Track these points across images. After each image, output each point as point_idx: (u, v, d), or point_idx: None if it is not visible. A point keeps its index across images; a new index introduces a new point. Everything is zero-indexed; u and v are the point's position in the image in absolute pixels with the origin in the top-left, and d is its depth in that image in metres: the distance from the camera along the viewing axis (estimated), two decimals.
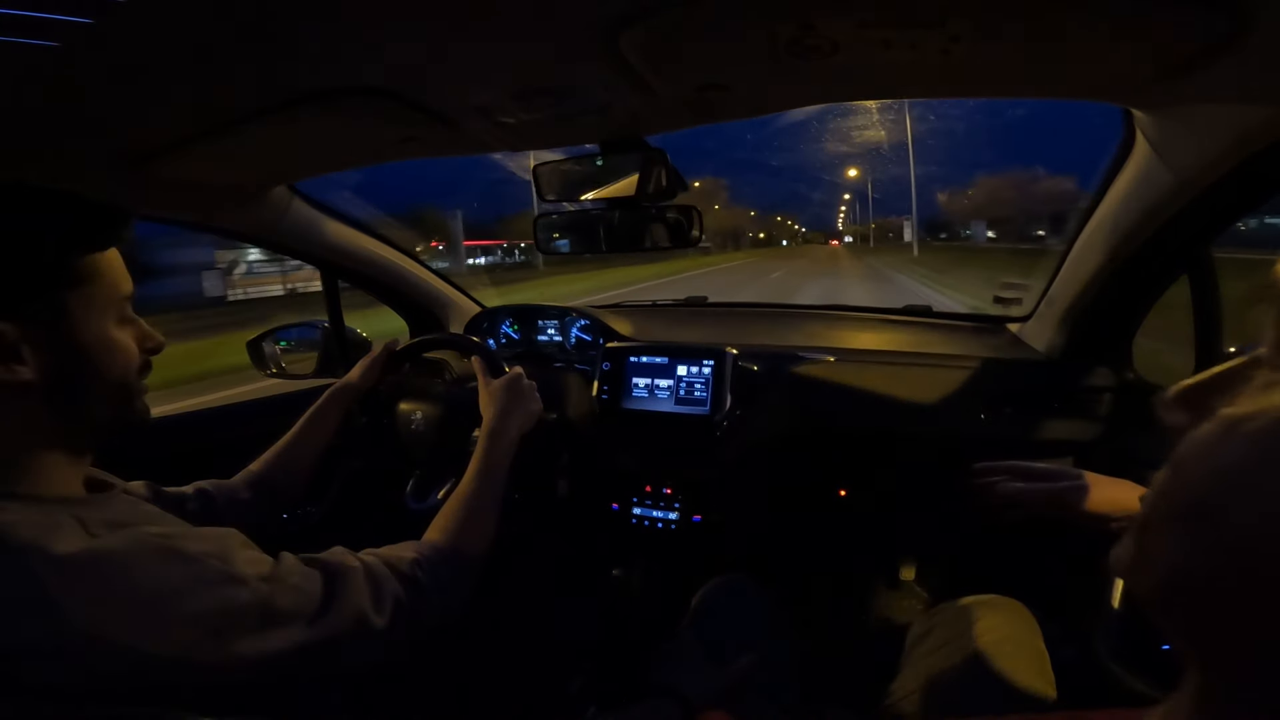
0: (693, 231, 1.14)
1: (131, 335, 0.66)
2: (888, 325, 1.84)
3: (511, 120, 0.88)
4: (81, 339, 0.61)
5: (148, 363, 0.69)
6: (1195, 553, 0.27)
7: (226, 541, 0.61)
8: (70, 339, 0.60)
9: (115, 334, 0.64)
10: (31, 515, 0.54)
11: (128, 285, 0.65)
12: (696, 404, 1.51)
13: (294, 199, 1.35)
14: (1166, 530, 0.29)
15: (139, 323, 0.68)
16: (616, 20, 0.61)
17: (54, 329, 0.59)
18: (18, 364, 0.57)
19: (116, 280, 0.64)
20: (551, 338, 1.87)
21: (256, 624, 0.58)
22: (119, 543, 0.55)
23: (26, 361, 0.57)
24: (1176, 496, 0.29)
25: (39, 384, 0.58)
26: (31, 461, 0.59)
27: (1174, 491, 0.29)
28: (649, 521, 1.61)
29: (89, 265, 0.61)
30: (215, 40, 0.61)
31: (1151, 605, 0.30)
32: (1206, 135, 0.80)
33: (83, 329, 0.61)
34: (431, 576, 0.75)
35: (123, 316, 0.65)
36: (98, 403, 0.63)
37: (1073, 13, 0.58)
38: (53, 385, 0.59)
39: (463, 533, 0.84)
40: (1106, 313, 1.26)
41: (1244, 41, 0.59)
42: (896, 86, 0.83)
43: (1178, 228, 0.99)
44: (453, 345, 1.47)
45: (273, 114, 0.79)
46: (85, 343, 0.61)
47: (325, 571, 0.66)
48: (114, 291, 0.64)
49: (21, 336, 0.57)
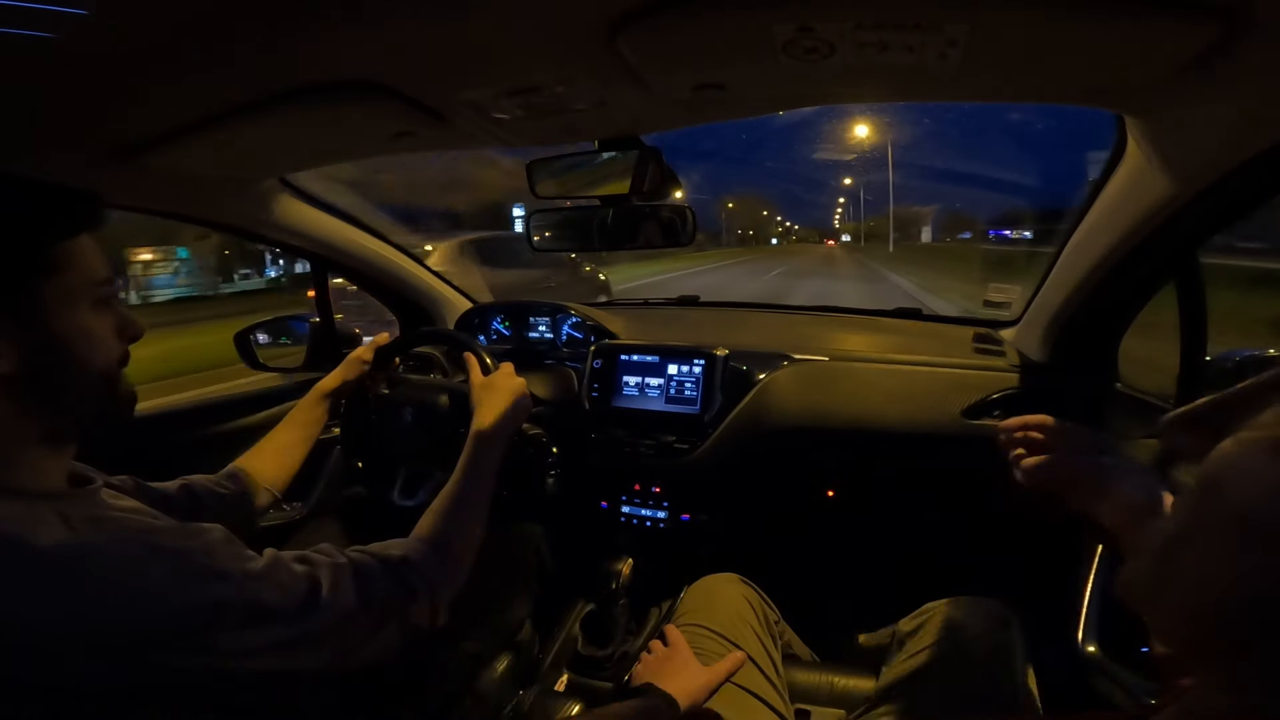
0: (686, 230, 1.15)
1: (110, 323, 0.64)
2: (878, 326, 1.85)
3: (506, 116, 0.88)
4: (58, 329, 0.59)
5: (126, 352, 0.67)
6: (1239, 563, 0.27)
7: (212, 537, 0.60)
8: (46, 329, 0.58)
9: (92, 322, 0.62)
10: (12, 509, 0.53)
11: (104, 271, 0.63)
12: (686, 403, 1.51)
13: (285, 191, 1.34)
14: (1203, 546, 0.29)
15: (118, 309, 0.66)
16: (614, 18, 0.61)
17: (28, 320, 0.57)
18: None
19: (92, 267, 0.62)
20: (542, 335, 1.86)
21: (241, 620, 0.57)
22: (102, 538, 0.54)
23: (1, 354, 0.56)
24: (1217, 512, 0.29)
25: (16, 376, 0.57)
26: (11, 455, 0.58)
27: (1214, 507, 0.29)
28: (638, 520, 1.61)
29: (61, 253, 0.59)
30: (208, 32, 0.60)
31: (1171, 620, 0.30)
32: (1198, 141, 0.80)
33: (58, 319, 0.59)
34: (419, 575, 0.75)
35: (99, 304, 0.63)
36: (78, 393, 0.62)
37: (1069, 19, 0.59)
38: (30, 377, 0.58)
39: (451, 530, 0.84)
40: (1094, 318, 1.27)
41: (1237, 48, 0.59)
42: (893, 89, 0.83)
43: (1167, 234, 1.00)
44: (443, 341, 1.46)
45: (265, 107, 0.79)
46: (62, 333, 0.59)
47: (312, 568, 0.65)
48: (89, 279, 0.62)
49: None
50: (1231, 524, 0.28)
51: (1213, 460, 0.30)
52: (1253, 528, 0.27)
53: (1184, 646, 0.30)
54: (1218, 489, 0.29)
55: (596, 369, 1.59)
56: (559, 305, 1.85)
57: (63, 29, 0.56)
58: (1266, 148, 0.75)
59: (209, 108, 0.80)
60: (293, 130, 0.92)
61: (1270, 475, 0.27)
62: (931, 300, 11.88)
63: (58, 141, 0.86)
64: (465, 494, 0.89)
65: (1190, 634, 0.30)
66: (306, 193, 1.40)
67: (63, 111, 0.76)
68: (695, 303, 2.26)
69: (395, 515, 1.12)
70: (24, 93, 0.69)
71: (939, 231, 49.57)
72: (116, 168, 0.95)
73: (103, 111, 0.78)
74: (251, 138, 0.93)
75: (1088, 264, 1.16)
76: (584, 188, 1.09)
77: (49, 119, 0.78)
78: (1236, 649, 0.28)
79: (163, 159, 0.95)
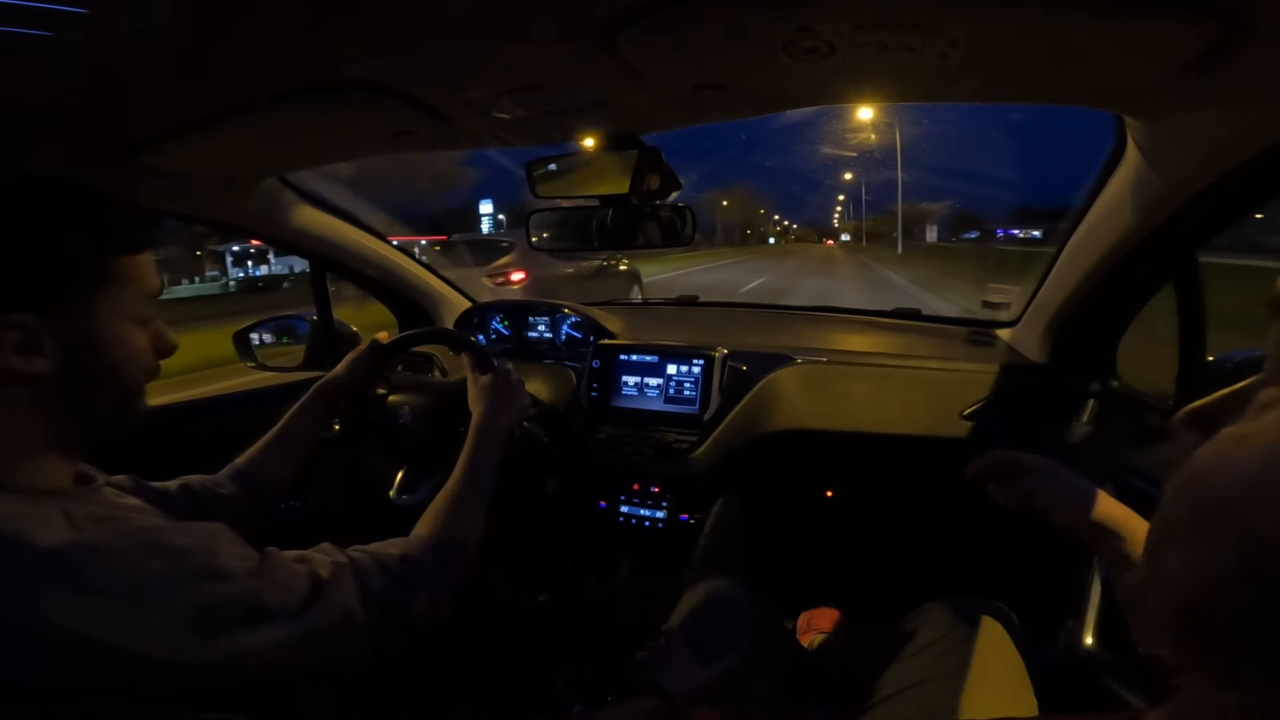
0: (685, 230, 1.15)
1: (149, 337, 0.66)
2: (877, 327, 1.85)
3: (506, 116, 0.88)
4: (103, 337, 0.61)
5: (158, 366, 0.69)
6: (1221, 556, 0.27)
7: (212, 536, 0.60)
8: (92, 337, 0.60)
9: (135, 335, 0.64)
10: (18, 507, 0.54)
11: (155, 287, 0.66)
12: (686, 403, 1.51)
13: (285, 191, 1.34)
14: (1186, 542, 0.29)
15: (156, 323, 0.68)
16: (615, 18, 0.61)
17: (78, 325, 0.59)
18: (38, 356, 0.57)
19: (146, 283, 0.65)
20: (542, 334, 1.86)
21: (242, 619, 0.57)
22: (104, 536, 0.54)
23: (46, 354, 0.57)
24: (1197, 506, 0.29)
25: (52, 378, 0.58)
26: (27, 453, 0.58)
27: (1195, 502, 0.29)
28: (636, 520, 1.61)
29: (122, 267, 0.62)
30: (207, 32, 0.60)
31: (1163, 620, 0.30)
32: (1198, 142, 0.80)
33: (105, 328, 0.61)
34: (419, 574, 0.75)
35: (144, 317, 0.65)
36: (104, 400, 0.63)
37: (1069, 19, 0.59)
38: (66, 380, 0.59)
39: (450, 530, 0.84)
40: (1093, 318, 1.28)
41: (1239, 49, 0.59)
42: (893, 90, 0.83)
43: (1166, 235, 1.00)
44: (442, 340, 1.46)
45: (265, 107, 0.79)
46: (105, 341, 0.61)
47: (312, 568, 0.65)
48: (141, 294, 0.64)
49: (46, 329, 0.57)
50: (1209, 520, 0.28)
51: (1194, 457, 0.30)
52: (1229, 522, 0.27)
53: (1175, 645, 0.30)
54: (1196, 484, 0.29)
55: (596, 369, 1.59)
56: (558, 305, 1.85)
57: (62, 28, 0.56)
58: (1266, 148, 0.75)
59: (209, 107, 0.80)
60: (293, 130, 0.92)
61: (1245, 468, 0.27)
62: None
63: (58, 141, 0.86)
64: (465, 493, 0.89)
65: (1179, 632, 0.30)
66: (306, 192, 1.40)
67: (63, 111, 0.76)
68: (695, 303, 2.26)
69: (395, 514, 1.12)
70: (24, 92, 0.69)
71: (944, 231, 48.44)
72: (116, 168, 0.95)
73: (102, 111, 0.78)
74: (251, 138, 0.93)
75: (1087, 264, 1.16)
76: (584, 188, 1.09)
77: (49, 119, 0.78)
78: (1224, 646, 0.28)
79: (162, 159, 0.95)
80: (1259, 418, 0.28)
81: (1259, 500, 0.26)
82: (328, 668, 0.65)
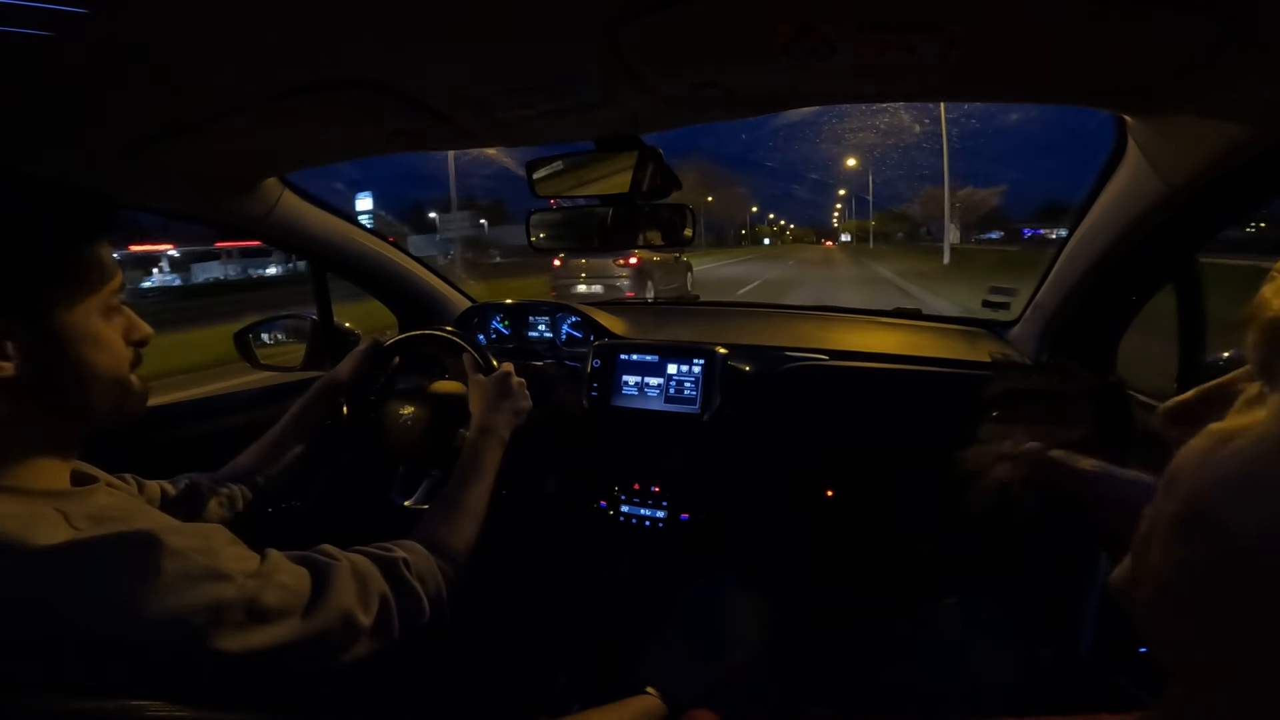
0: (685, 230, 1.14)
1: (119, 328, 0.65)
2: (878, 326, 1.85)
3: (506, 116, 0.88)
4: (68, 333, 0.59)
5: (138, 355, 0.68)
6: (1195, 561, 0.27)
7: (212, 537, 0.60)
8: (55, 334, 0.59)
9: (101, 328, 0.62)
10: (14, 508, 0.54)
11: (115, 278, 0.64)
12: (686, 403, 1.51)
13: (285, 190, 1.34)
14: (1167, 539, 0.29)
15: (126, 314, 0.66)
16: (615, 18, 0.61)
17: (37, 324, 0.58)
18: (2, 359, 0.56)
19: (104, 272, 0.62)
20: (542, 334, 1.86)
21: (242, 620, 0.57)
22: (102, 537, 0.54)
23: (10, 357, 0.56)
24: (1174, 508, 0.29)
25: (21, 380, 0.57)
26: (14, 456, 0.58)
27: (1171, 503, 0.29)
28: (636, 519, 1.61)
29: (78, 258, 0.60)
30: (208, 30, 0.60)
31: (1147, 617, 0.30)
32: (1198, 143, 0.80)
33: (69, 323, 0.59)
34: (419, 574, 0.75)
35: (110, 309, 0.64)
36: (89, 397, 0.62)
37: (1069, 19, 0.59)
38: (39, 381, 0.58)
39: (451, 530, 0.84)
40: (1093, 318, 1.28)
41: (1240, 49, 0.59)
42: (893, 89, 0.83)
43: (1166, 235, 1.00)
44: (443, 340, 1.46)
45: (265, 105, 0.79)
46: (71, 337, 0.60)
47: (312, 568, 0.65)
48: (100, 285, 0.62)
49: (5, 332, 0.56)
50: (1188, 519, 0.28)
51: (1178, 455, 0.29)
52: (1207, 522, 0.27)
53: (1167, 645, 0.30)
54: (1176, 483, 0.29)
55: (596, 368, 1.59)
56: (558, 304, 1.85)
57: (62, 28, 0.56)
58: (1266, 148, 0.75)
59: (209, 107, 0.80)
60: (293, 129, 0.92)
61: (1224, 469, 0.27)
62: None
63: (58, 141, 0.86)
64: (465, 493, 0.89)
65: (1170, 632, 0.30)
66: (306, 192, 1.40)
67: (62, 111, 0.76)
68: (695, 302, 2.26)
69: (395, 515, 1.12)
70: (24, 92, 0.69)
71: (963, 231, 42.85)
72: (116, 167, 0.95)
73: (102, 111, 0.78)
74: (251, 137, 0.93)
75: (1087, 264, 1.16)
76: (584, 187, 1.09)
77: (49, 118, 0.78)
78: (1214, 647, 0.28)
79: (163, 158, 0.95)
80: (1244, 413, 0.27)
81: (1236, 503, 0.26)
82: (328, 668, 0.65)
